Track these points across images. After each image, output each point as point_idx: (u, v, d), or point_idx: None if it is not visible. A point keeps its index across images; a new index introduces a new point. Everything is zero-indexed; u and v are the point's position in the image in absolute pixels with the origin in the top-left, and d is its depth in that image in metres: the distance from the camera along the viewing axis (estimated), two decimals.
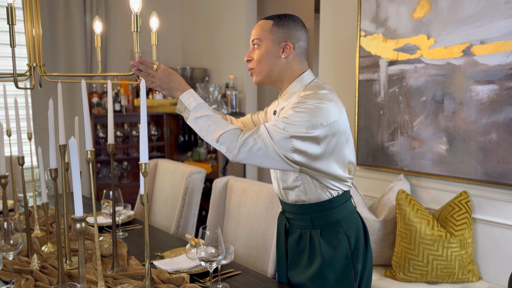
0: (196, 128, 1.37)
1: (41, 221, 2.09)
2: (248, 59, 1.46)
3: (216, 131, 1.32)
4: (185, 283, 1.43)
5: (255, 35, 1.44)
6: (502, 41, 2.08)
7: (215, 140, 1.32)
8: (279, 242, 1.57)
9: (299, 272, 1.48)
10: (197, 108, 1.37)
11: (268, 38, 1.41)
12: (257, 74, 1.45)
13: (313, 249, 1.44)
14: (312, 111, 1.28)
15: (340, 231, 1.42)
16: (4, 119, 3.22)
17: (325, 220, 1.42)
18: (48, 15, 3.47)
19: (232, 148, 1.29)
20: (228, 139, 1.30)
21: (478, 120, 2.18)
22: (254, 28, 1.46)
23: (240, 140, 1.28)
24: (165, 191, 2.44)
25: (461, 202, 2.23)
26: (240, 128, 1.33)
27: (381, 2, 2.53)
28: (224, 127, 1.32)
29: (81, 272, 1.21)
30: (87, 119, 1.33)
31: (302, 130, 1.27)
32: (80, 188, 1.13)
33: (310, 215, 1.43)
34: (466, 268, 2.16)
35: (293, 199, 1.45)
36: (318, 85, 1.40)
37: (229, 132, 1.30)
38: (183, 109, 1.39)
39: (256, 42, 1.43)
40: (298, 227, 1.49)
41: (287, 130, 1.27)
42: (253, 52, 1.45)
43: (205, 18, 4.09)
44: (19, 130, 1.74)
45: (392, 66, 2.52)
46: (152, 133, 3.99)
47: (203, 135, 1.36)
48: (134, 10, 1.28)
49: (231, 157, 1.31)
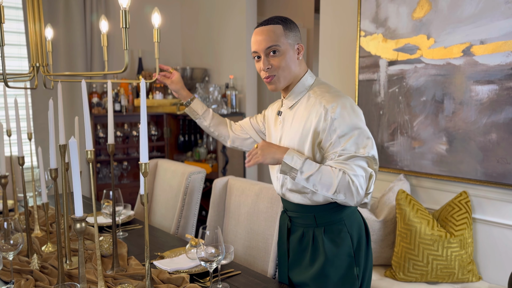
0: (309, 185, 1.34)
1: (41, 221, 2.09)
2: (268, 67, 1.41)
3: (329, 187, 1.30)
4: (185, 283, 1.43)
5: (271, 41, 1.39)
6: (502, 41, 2.08)
7: (330, 195, 1.32)
8: (281, 241, 1.57)
9: (301, 271, 1.48)
10: (304, 167, 1.33)
11: (285, 43, 1.40)
12: (280, 81, 1.42)
13: (316, 247, 1.44)
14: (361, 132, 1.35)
15: (343, 229, 1.43)
16: (4, 119, 3.22)
17: (329, 218, 1.43)
18: (48, 15, 3.47)
19: (349, 197, 1.31)
20: (342, 190, 1.30)
21: (478, 120, 2.18)
22: (263, 34, 1.40)
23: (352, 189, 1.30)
24: (165, 191, 2.44)
25: (461, 202, 2.23)
26: (342, 170, 1.30)
27: (381, 2, 2.53)
28: (333, 179, 1.30)
29: (81, 272, 1.21)
30: (87, 119, 1.33)
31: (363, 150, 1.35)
32: (80, 188, 1.13)
33: (314, 214, 1.44)
34: (466, 268, 2.16)
35: (298, 201, 1.45)
36: (326, 85, 1.45)
37: (340, 185, 1.29)
38: (288, 170, 1.35)
39: (275, 49, 1.39)
40: (300, 226, 1.49)
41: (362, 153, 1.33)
42: (271, 59, 1.41)
43: (205, 18, 4.09)
44: (19, 130, 1.74)
45: (392, 66, 2.52)
46: (152, 133, 3.99)
47: (317, 189, 1.33)
48: (123, 6, 1.27)
49: (353, 204, 1.34)
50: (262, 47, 1.40)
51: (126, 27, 1.28)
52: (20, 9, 3.43)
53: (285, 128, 1.48)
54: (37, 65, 1.60)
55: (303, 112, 1.42)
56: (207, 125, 1.80)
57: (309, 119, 1.39)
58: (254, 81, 3.81)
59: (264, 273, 1.80)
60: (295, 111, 1.46)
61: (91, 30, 3.69)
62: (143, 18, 3.97)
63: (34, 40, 1.59)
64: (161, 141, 4.04)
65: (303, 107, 1.43)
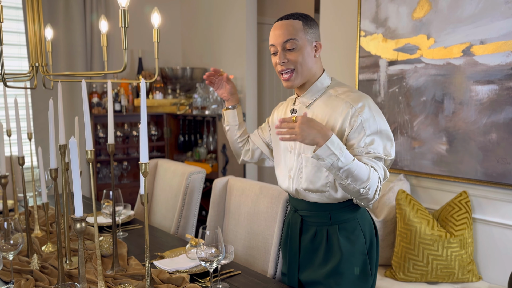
0: (342, 175, 1.26)
1: (41, 221, 2.09)
2: (284, 61, 1.39)
3: (363, 181, 1.27)
4: (185, 283, 1.43)
5: (289, 35, 1.37)
6: (502, 41, 2.08)
7: (361, 189, 1.29)
8: (292, 241, 1.53)
9: (313, 270, 1.46)
10: (344, 156, 1.25)
11: (304, 38, 1.38)
12: (297, 77, 1.40)
13: (330, 246, 1.43)
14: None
15: (357, 227, 1.44)
16: (4, 119, 3.22)
17: (344, 216, 1.43)
18: (48, 15, 3.47)
19: (372, 195, 1.31)
20: (372, 187, 1.29)
21: (478, 120, 2.18)
22: (282, 28, 1.38)
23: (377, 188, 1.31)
24: (165, 191, 2.44)
25: (461, 202, 2.23)
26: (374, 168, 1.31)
27: (381, 2, 2.53)
28: (368, 174, 1.28)
29: (81, 272, 1.21)
30: (87, 119, 1.33)
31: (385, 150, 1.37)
32: (80, 188, 1.13)
33: (330, 212, 1.42)
34: (466, 268, 2.16)
35: (313, 199, 1.44)
36: (345, 84, 1.46)
37: (372, 181, 1.29)
38: (326, 155, 1.24)
39: (292, 43, 1.37)
40: (313, 225, 1.47)
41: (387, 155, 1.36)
42: (288, 54, 1.39)
43: (205, 18, 4.09)
44: (19, 130, 1.74)
45: (392, 66, 2.52)
46: (152, 133, 3.99)
47: (347, 182, 1.27)
48: (122, 5, 1.27)
49: (368, 203, 1.35)
50: (280, 41, 1.38)
51: (125, 27, 1.28)
52: (20, 9, 3.43)
53: None
54: (37, 65, 1.60)
55: (325, 109, 1.40)
56: (237, 137, 1.71)
57: (332, 116, 1.37)
58: (254, 81, 3.81)
59: (264, 273, 1.80)
60: (313, 109, 1.44)
61: (91, 30, 3.69)
62: (143, 18, 3.97)
63: (34, 40, 1.59)
64: (161, 141, 4.04)
65: (324, 105, 1.41)
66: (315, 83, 1.44)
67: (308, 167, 1.42)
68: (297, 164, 1.46)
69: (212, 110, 3.61)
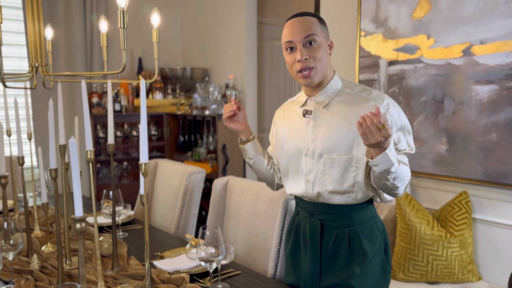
0: (390, 176, 1.25)
1: (41, 221, 2.09)
2: (306, 58, 1.34)
3: (406, 180, 1.32)
4: (185, 283, 1.43)
5: (309, 30, 1.33)
6: (502, 41, 2.08)
7: (401, 187, 1.32)
8: (313, 248, 1.45)
9: (334, 274, 1.43)
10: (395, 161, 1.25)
11: (321, 35, 1.37)
12: (317, 74, 1.36)
13: (352, 247, 1.41)
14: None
15: (375, 226, 1.44)
16: (4, 119, 3.22)
17: (363, 216, 1.42)
18: (48, 15, 3.47)
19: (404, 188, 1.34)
20: (407, 183, 1.34)
21: (478, 120, 2.18)
22: (301, 24, 1.35)
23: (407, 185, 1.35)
24: (165, 191, 2.44)
25: (461, 202, 2.23)
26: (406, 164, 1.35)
27: (381, 2, 2.53)
28: (408, 172, 1.33)
29: (81, 272, 1.21)
30: (87, 119, 1.33)
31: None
32: (80, 188, 1.13)
33: (351, 213, 1.41)
34: (466, 268, 2.16)
35: (335, 202, 1.40)
36: (357, 83, 1.46)
37: (408, 178, 1.33)
38: (383, 161, 1.21)
39: (312, 38, 1.34)
40: (333, 228, 1.43)
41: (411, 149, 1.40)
42: (307, 50, 1.34)
43: (205, 18, 4.09)
44: (19, 130, 1.74)
45: (392, 66, 2.52)
46: (152, 133, 3.99)
47: (394, 182, 1.26)
48: (121, 6, 1.27)
49: (401, 194, 1.36)
50: (300, 37, 1.34)
51: (124, 27, 1.28)
52: (20, 9, 3.43)
53: (320, 127, 1.40)
54: (36, 65, 1.60)
55: (348, 108, 1.37)
56: (266, 164, 1.60)
57: (360, 114, 1.31)
58: (254, 81, 3.81)
59: (264, 273, 1.80)
60: (332, 108, 1.39)
61: (91, 30, 3.69)
62: (143, 18, 3.97)
63: (34, 40, 1.59)
64: (161, 141, 4.04)
65: (345, 103, 1.38)
66: (330, 83, 1.41)
67: (334, 168, 1.37)
68: (318, 166, 1.40)
69: (212, 110, 3.61)
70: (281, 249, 1.74)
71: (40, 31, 1.61)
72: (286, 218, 1.76)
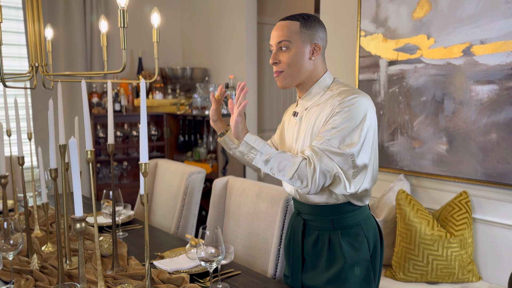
0: (266, 168, 1.33)
1: (41, 221, 2.09)
2: (275, 62, 1.41)
3: (288, 170, 1.30)
4: (185, 283, 1.43)
5: (283, 36, 1.38)
6: (502, 41, 2.08)
7: (288, 179, 1.31)
8: (295, 244, 1.51)
9: (316, 274, 1.45)
10: (265, 149, 1.33)
11: (297, 40, 1.38)
12: (286, 78, 1.41)
13: (332, 251, 1.41)
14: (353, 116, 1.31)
15: (360, 233, 1.41)
16: (4, 119, 3.22)
17: (346, 222, 1.40)
18: (48, 15, 3.47)
19: (306, 185, 1.29)
20: (300, 177, 1.29)
21: (478, 120, 2.18)
22: (278, 29, 1.40)
23: (310, 177, 1.28)
24: (165, 191, 2.44)
25: (461, 202, 2.23)
26: (304, 157, 1.30)
27: (381, 2, 2.53)
28: (294, 164, 1.29)
29: (81, 272, 1.21)
30: (87, 119, 1.33)
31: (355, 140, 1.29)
32: (80, 188, 1.13)
33: (332, 217, 1.40)
34: (466, 268, 2.16)
35: (317, 200, 1.41)
36: (345, 84, 1.44)
37: (299, 172, 1.28)
38: (248, 150, 1.35)
39: (284, 44, 1.38)
40: (315, 229, 1.45)
41: (342, 149, 1.29)
42: (280, 55, 1.40)
43: (205, 18, 4.09)
44: (19, 130, 1.74)
45: (392, 66, 2.52)
46: (152, 133, 3.99)
47: (274, 173, 1.33)
48: (121, 5, 1.27)
49: (306, 192, 1.32)
50: (275, 41, 1.41)
51: (124, 27, 1.28)
52: (20, 9, 3.43)
53: (301, 128, 1.44)
54: (36, 65, 1.60)
55: (317, 110, 1.39)
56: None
57: (321, 114, 1.37)
58: (254, 81, 3.81)
59: (264, 273, 1.80)
60: (311, 111, 1.42)
61: (91, 30, 3.69)
62: (143, 18, 3.97)
63: (34, 40, 1.59)
64: (161, 141, 4.04)
65: (320, 106, 1.40)
66: (314, 85, 1.42)
67: None
68: None
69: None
70: (281, 249, 1.74)
71: (40, 31, 1.61)
72: (286, 218, 1.76)
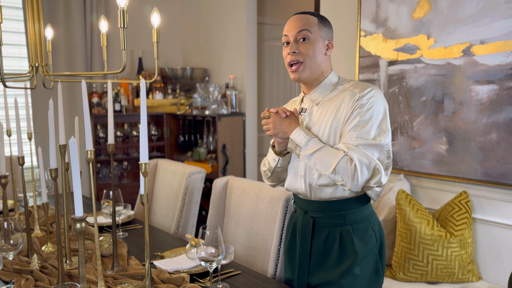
0: (311, 163, 1.34)
1: (41, 221, 2.09)
2: (294, 51, 1.38)
3: (328, 165, 1.30)
4: (185, 283, 1.43)
5: (304, 25, 1.37)
6: (502, 41, 2.08)
7: (329, 174, 1.31)
8: (303, 244, 1.48)
9: (325, 272, 1.44)
10: (308, 144, 1.34)
11: (317, 33, 1.39)
12: (305, 70, 1.39)
13: (344, 246, 1.41)
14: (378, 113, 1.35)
15: (369, 227, 1.43)
16: (4, 119, 3.22)
17: (357, 216, 1.42)
18: (48, 15, 3.47)
19: (347, 180, 1.30)
20: (340, 171, 1.29)
21: (478, 120, 2.18)
22: (298, 20, 1.39)
23: (350, 174, 1.29)
24: (165, 191, 2.44)
25: (461, 202, 2.23)
26: (347, 153, 1.30)
27: (381, 2, 2.53)
28: (333, 159, 1.30)
29: (81, 272, 1.21)
30: (87, 119, 1.33)
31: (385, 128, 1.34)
32: (80, 188, 1.13)
33: (343, 212, 1.41)
34: (466, 268, 2.16)
35: (327, 196, 1.41)
36: (353, 80, 1.46)
37: (340, 166, 1.29)
38: (294, 147, 1.37)
39: (305, 34, 1.37)
40: (326, 226, 1.44)
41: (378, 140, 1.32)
42: (300, 45, 1.38)
43: (205, 18, 4.09)
44: (19, 130, 1.74)
45: (392, 66, 2.52)
46: (152, 133, 3.99)
47: (317, 168, 1.33)
48: (121, 6, 1.27)
49: (347, 188, 1.32)
50: (294, 31, 1.38)
51: (124, 27, 1.28)
52: (20, 9, 3.43)
53: (311, 125, 1.43)
54: (36, 65, 1.60)
55: (334, 103, 1.39)
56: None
57: (340, 108, 1.37)
58: (254, 81, 3.81)
59: (264, 273, 1.80)
60: (323, 106, 1.42)
61: (91, 30, 3.69)
62: (143, 18, 3.97)
63: (34, 40, 1.59)
64: (161, 141, 4.04)
65: (333, 100, 1.41)
66: (324, 81, 1.43)
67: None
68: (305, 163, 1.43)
69: (212, 110, 3.61)
70: (281, 249, 1.74)
71: (40, 31, 1.61)
72: (286, 217, 1.76)
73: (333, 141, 1.37)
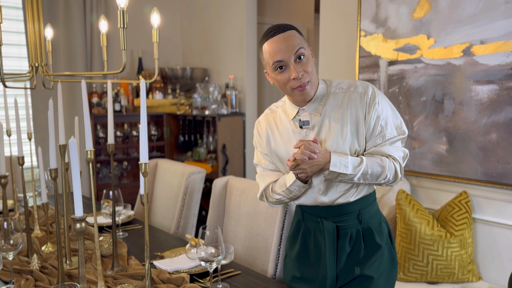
0: (359, 181, 1.36)
1: (41, 221, 2.09)
2: (302, 73, 1.31)
3: (379, 175, 1.37)
4: (185, 283, 1.43)
5: (298, 45, 1.30)
6: (502, 41, 2.08)
7: (382, 181, 1.40)
8: (329, 253, 1.43)
9: (352, 268, 1.44)
10: (351, 167, 1.33)
11: (306, 45, 1.35)
12: (312, 87, 1.36)
13: (368, 242, 1.45)
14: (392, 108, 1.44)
15: (381, 219, 1.50)
16: (4, 119, 3.22)
17: (371, 211, 1.47)
18: (48, 15, 3.47)
19: (394, 178, 1.40)
20: (390, 174, 1.38)
21: (478, 120, 2.18)
22: (287, 40, 1.30)
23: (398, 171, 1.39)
24: (165, 191, 2.44)
25: (461, 202, 2.23)
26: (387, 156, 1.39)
27: (381, 2, 2.53)
28: (382, 168, 1.36)
29: (81, 272, 1.21)
30: (87, 119, 1.33)
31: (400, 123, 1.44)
32: (80, 188, 1.13)
33: (360, 210, 1.44)
34: (466, 268, 2.16)
35: (342, 201, 1.42)
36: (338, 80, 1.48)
37: (388, 170, 1.37)
38: (335, 176, 1.35)
39: (302, 52, 1.31)
40: (347, 228, 1.44)
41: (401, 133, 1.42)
42: (299, 65, 1.31)
43: (205, 18, 4.09)
44: (19, 130, 1.74)
45: (392, 66, 2.52)
46: (152, 133, 3.99)
47: (367, 181, 1.38)
48: (120, 6, 1.27)
49: (397, 181, 1.43)
50: (290, 54, 1.30)
51: (124, 27, 1.28)
52: (20, 9, 3.43)
53: (321, 135, 1.39)
54: (36, 65, 1.60)
55: (340, 109, 1.37)
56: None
57: (352, 111, 1.36)
58: (254, 81, 3.81)
59: (264, 273, 1.80)
60: (327, 114, 1.39)
61: (91, 30, 3.69)
62: (143, 18, 3.97)
63: (34, 40, 1.59)
64: (161, 141, 4.04)
65: (337, 106, 1.38)
66: (318, 89, 1.40)
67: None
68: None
69: (212, 110, 3.61)
70: (281, 249, 1.74)
71: (40, 31, 1.61)
72: (286, 218, 1.76)
73: (357, 142, 1.38)
